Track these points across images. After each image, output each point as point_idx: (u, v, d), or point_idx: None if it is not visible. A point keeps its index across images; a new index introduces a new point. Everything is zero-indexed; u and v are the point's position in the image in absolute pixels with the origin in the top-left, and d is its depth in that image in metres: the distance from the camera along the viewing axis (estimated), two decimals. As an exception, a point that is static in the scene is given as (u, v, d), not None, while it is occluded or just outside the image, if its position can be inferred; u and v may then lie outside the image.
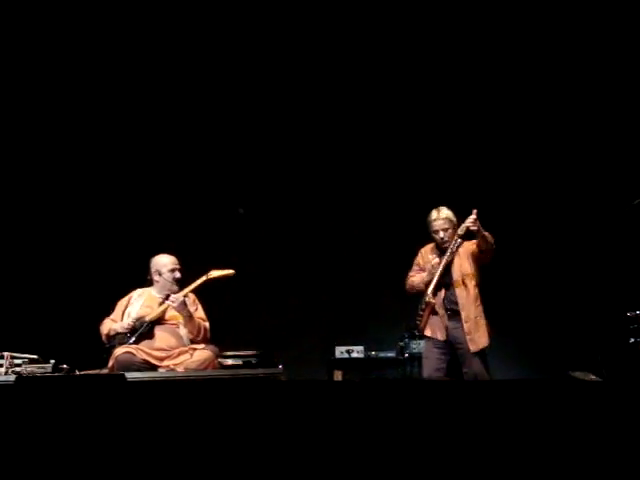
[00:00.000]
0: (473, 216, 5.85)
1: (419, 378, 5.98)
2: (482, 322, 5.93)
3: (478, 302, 5.96)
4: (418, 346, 7.24)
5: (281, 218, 8.37)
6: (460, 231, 5.94)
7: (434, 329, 6.01)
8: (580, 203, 7.79)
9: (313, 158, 8.39)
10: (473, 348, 5.86)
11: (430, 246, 6.20)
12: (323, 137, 8.41)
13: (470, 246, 6.05)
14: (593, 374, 6.41)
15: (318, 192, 8.37)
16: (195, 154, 8.38)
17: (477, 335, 5.88)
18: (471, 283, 5.97)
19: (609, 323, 6.94)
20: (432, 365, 6.00)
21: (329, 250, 8.26)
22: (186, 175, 8.37)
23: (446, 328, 5.97)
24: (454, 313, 5.96)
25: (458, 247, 6.02)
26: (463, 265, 6.01)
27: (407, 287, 6.21)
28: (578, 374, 6.37)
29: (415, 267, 6.23)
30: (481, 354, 5.90)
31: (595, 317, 7.40)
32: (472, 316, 5.91)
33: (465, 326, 5.90)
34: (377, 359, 7.67)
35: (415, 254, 6.25)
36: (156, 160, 8.32)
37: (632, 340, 6.11)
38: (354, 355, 7.66)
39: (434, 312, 6.01)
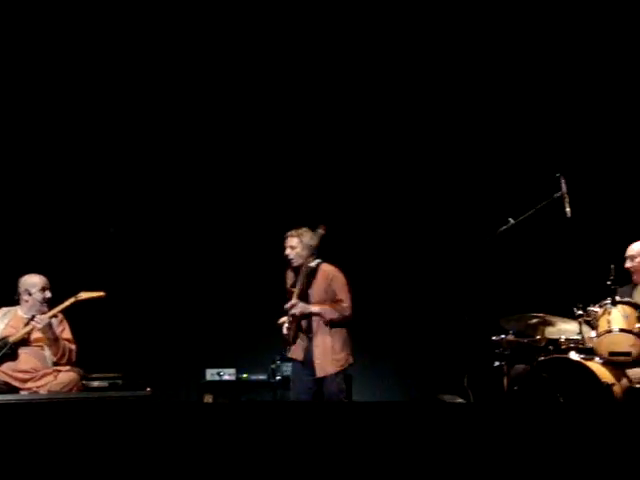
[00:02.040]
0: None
1: (287, 400, 5.99)
2: (333, 350, 5.99)
3: (333, 330, 6.02)
4: (289, 369, 7.23)
5: (150, 239, 8.24)
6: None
7: (296, 350, 6.11)
8: (450, 230, 7.97)
9: (181, 176, 8.29)
10: (319, 373, 5.98)
11: None
12: (191, 155, 8.33)
13: (330, 275, 6.09)
14: (460, 397, 6.57)
15: (188, 212, 8.27)
16: (65, 172, 8.15)
17: (325, 361, 5.97)
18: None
19: (475, 347, 7.10)
20: (299, 387, 6.08)
21: (200, 271, 8.17)
22: (56, 193, 8.13)
23: (305, 350, 6.05)
24: (310, 338, 6.04)
25: (310, 274, 6.05)
26: (319, 293, 6.05)
27: None
28: (446, 397, 6.52)
29: None
30: (332, 378, 5.97)
31: (462, 342, 7.56)
32: (323, 343, 5.99)
33: (315, 351, 5.99)
34: (248, 382, 7.62)
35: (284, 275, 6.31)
36: (25, 176, 8.05)
37: (497, 363, 6.28)
38: (225, 378, 7.58)
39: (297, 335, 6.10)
